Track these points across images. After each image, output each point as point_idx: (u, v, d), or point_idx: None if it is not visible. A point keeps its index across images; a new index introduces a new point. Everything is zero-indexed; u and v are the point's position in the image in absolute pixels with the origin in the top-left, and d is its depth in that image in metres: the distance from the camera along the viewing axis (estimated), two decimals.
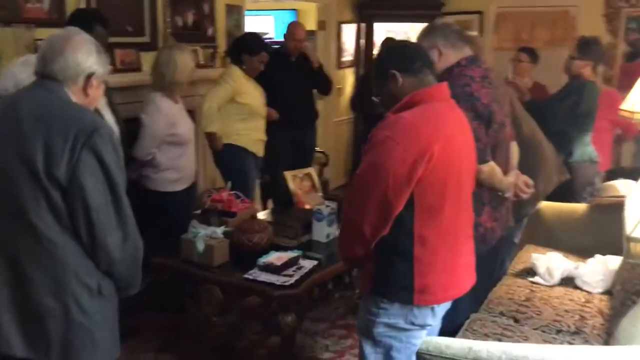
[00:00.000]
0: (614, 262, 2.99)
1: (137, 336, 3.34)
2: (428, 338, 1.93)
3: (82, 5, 3.50)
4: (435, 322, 1.98)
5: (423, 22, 6.78)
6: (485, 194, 2.47)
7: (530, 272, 3.10)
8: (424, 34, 2.54)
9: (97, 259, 1.71)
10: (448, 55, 2.45)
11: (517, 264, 3.27)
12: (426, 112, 1.84)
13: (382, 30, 6.86)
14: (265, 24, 8.20)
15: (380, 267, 1.90)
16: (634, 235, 1.31)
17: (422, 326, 1.94)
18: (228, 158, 4.04)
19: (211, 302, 2.92)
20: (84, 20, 2.98)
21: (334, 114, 6.71)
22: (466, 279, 2.00)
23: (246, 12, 7.74)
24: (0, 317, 1.72)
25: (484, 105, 2.35)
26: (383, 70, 1.95)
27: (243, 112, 3.99)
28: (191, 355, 3.18)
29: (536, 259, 3.11)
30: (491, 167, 2.39)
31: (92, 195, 1.64)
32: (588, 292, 2.90)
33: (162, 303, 3.52)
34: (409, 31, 7.09)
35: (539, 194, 3.00)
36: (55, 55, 1.72)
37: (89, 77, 1.76)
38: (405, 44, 2.35)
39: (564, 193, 3.46)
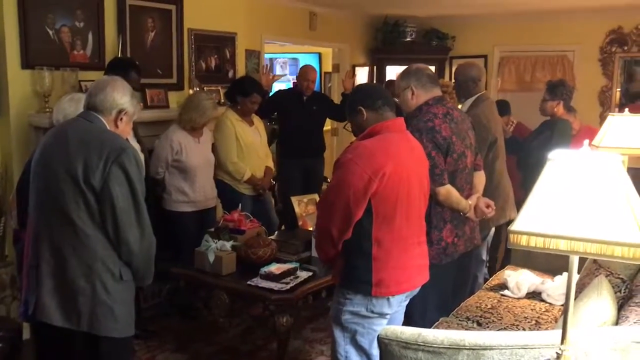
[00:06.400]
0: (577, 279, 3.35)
1: (156, 338, 3.81)
2: (387, 326, 2.33)
3: (118, 52, 4.09)
4: (391, 311, 2.37)
5: (432, 65, 7.30)
6: (447, 213, 2.86)
7: (503, 286, 3.47)
8: (401, 76, 2.99)
9: (120, 251, 2.17)
10: (419, 95, 2.88)
11: (493, 280, 3.64)
12: (382, 140, 2.30)
13: (394, 73, 7.35)
14: (291, 66, 8.89)
15: (346, 264, 2.34)
16: (512, 228, 1.73)
17: (381, 314, 2.34)
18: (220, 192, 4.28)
19: (219, 306, 3.38)
20: (121, 67, 3.57)
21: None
22: (417, 277, 2.42)
23: (274, 55, 8.36)
24: (44, 299, 2.19)
25: (443, 137, 2.78)
26: (353, 106, 2.42)
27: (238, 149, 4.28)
28: (201, 355, 3.63)
29: (508, 275, 3.49)
30: (447, 190, 2.79)
31: (118, 200, 2.12)
32: (550, 304, 3.25)
33: (179, 309, 4.01)
34: None
35: (489, 222, 3.37)
36: (99, 91, 2.25)
37: (120, 112, 2.27)
38: (370, 86, 2.82)
39: None
